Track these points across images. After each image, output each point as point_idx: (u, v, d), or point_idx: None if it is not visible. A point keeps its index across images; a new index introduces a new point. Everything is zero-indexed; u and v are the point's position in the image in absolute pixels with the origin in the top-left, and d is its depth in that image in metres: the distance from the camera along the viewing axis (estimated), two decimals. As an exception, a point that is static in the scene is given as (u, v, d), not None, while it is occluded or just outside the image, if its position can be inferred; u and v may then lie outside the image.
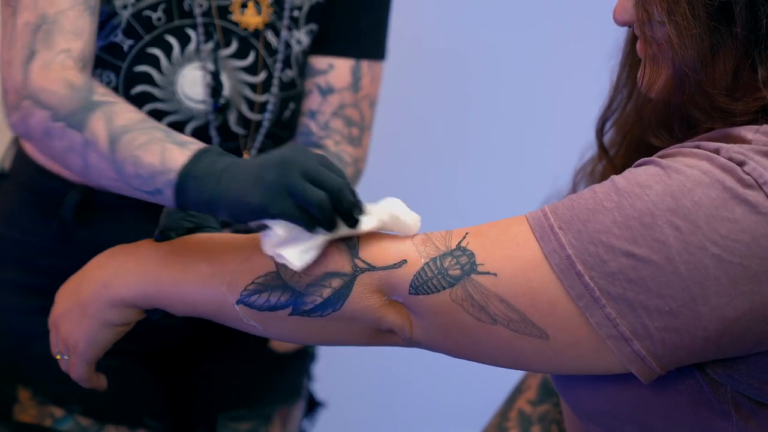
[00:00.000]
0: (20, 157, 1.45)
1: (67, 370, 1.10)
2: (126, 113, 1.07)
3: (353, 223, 0.96)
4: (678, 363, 0.90)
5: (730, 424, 0.93)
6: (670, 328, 0.87)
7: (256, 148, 1.41)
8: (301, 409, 1.59)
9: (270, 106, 1.40)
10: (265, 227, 0.97)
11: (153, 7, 1.33)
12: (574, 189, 1.27)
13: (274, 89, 1.40)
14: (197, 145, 1.02)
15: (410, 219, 0.98)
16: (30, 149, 1.43)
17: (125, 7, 1.32)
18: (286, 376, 1.54)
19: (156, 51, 1.33)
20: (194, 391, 1.52)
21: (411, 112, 2.08)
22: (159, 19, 1.33)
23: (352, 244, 0.95)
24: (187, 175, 0.99)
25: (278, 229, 0.95)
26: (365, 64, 1.45)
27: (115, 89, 1.32)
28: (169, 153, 1.01)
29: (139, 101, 1.33)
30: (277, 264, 0.96)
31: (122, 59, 1.32)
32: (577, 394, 0.99)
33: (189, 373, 1.52)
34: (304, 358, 1.57)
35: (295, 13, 1.41)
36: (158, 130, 1.05)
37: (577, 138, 1.29)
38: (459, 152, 2.47)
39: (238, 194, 0.95)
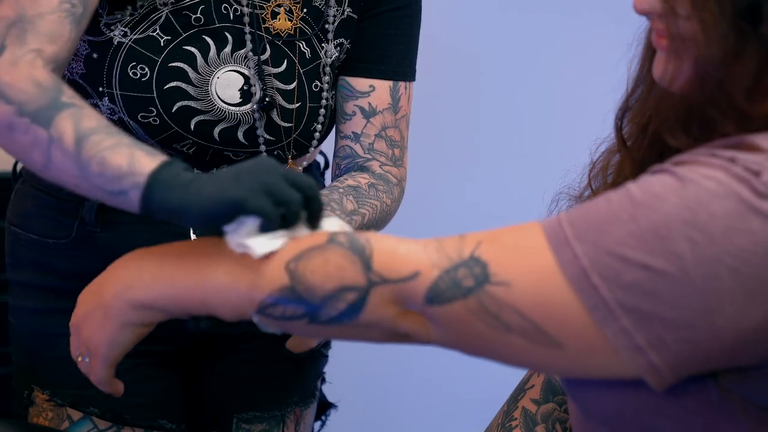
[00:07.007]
0: None
1: (87, 373, 1.10)
2: (94, 117, 1.09)
3: (317, 225, 1.01)
4: (692, 372, 0.90)
5: (739, 429, 0.93)
6: (686, 339, 0.87)
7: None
8: (313, 410, 1.60)
9: (300, 115, 1.41)
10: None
11: (192, 8, 1.33)
12: (588, 184, 1.26)
13: (306, 98, 1.41)
14: (164, 156, 1.04)
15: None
16: None
17: (165, 3, 1.32)
18: (300, 379, 1.55)
19: (192, 49, 1.34)
20: (209, 392, 1.53)
21: (420, 109, 2.09)
22: (198, 19, 1.34)
23: (365, 256, 0.95)
24: (156, 179, 1.01)
25: (249, 222, 0.97)
26: (402, 85, 1.47)
27: (149, 83, 1.33)
28: (137, 158, 1.03)
29: (171, 97, 1.33)
30: (290, 278, 0.96)
31: (158, 53, 1.33)
32: (585, 395, 0.99)
33: (204, 374, 1.52)
34: (318, 360, 1.57)
35: (327, 26, 1.42)
36: (125, 136, 1.07)
37: (587, 133, 1.28)
38: (468, 148, 2.47)
39: (214, 193, 0.97)
